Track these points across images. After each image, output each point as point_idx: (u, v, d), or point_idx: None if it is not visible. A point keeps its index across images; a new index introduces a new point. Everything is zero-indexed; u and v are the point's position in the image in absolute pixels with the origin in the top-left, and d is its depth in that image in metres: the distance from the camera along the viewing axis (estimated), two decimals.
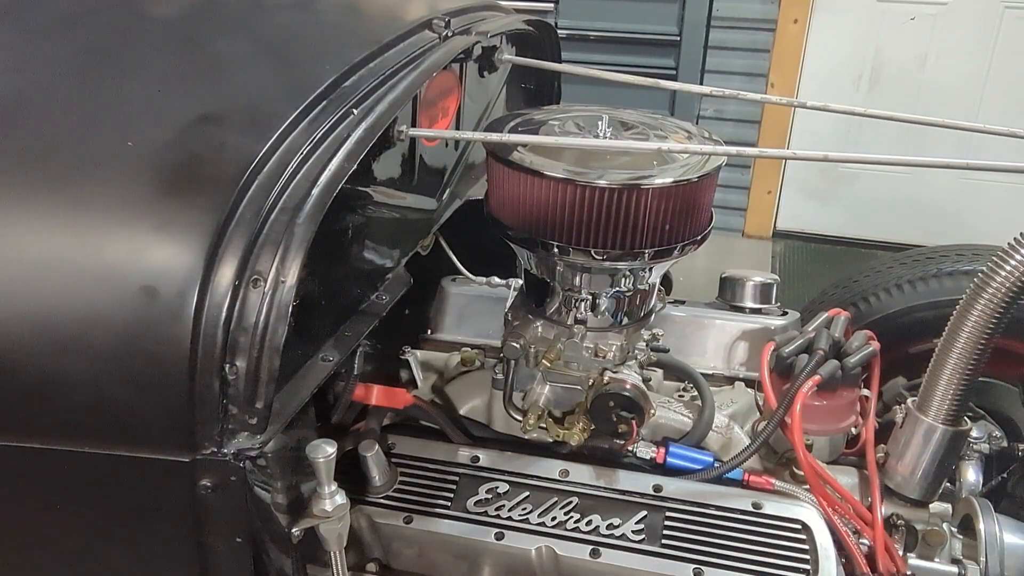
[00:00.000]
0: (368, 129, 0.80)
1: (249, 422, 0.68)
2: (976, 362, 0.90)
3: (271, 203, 0.71)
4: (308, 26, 1.04)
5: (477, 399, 1.15)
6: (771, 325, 1.15)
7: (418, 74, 0.91)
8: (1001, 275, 0.85)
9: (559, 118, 1.06)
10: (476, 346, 1.17)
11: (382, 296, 0.94)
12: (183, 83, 0.85)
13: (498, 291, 1.20)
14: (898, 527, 0.99)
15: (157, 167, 0.73)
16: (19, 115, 0.78)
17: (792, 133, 3.21)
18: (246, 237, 0.68)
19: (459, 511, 0.98)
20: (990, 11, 2.91)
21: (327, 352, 0.83)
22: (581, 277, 1.02)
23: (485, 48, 1.18)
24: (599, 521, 0.96)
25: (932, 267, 1.43)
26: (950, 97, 3.00)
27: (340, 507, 0.81)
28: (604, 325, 1.06)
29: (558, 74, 1.43)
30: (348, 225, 0.87)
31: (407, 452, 1.05)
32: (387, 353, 1.13)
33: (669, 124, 1.09)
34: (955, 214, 3.15)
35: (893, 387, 1.18)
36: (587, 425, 1.03)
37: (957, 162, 0.83)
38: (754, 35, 3.07)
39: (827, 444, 1.06)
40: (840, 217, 3.32)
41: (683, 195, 0.95)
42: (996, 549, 0.95)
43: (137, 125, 0.77)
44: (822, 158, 0.86)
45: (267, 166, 0.73)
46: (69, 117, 0.78)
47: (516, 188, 0.97)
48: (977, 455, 1.14)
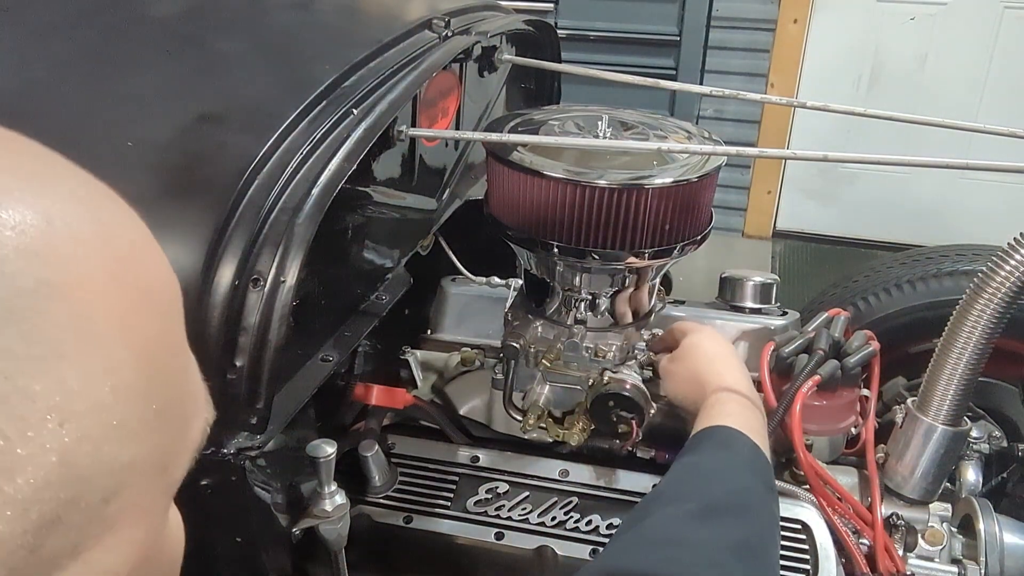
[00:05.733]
0: (368, 129, 0.80)
1: (249, 422, 0.68)
2: (976, 362, 0.90)
3: (271, 203, 0.71)
4: (308, 26, 1.04)
5: (477, 399, 1.15)
6: (771, 325, 1.15)
7: (418, 74, 0.91)
8: (1001, 275, 0.85)
9: (559, 118, 1.06)
10: (476, 346, 1.17)
11: (382, 296, 0.94)
12: (183, 83, 0.85)
13: (498, 291, 1.20)
14: (898, 527, 0.99)
15: (157, 167, 0.73)
16: (18, 115, 0.78)
17: (792, 133, 3.21)
18: (246, 237, 0.68)
19: (459, 511, 0.98)
20: (990, 11, 2.91)
21: (327, 352, 0.83)
22: (581, 277, 1.02)
23: (485, 48, 1.18)
24: (599, 521, 0.96)
25: (932, 267, 1.43)
26: (950, 97, 3.00)
27: (340, 507, 0.81)
28: (604, 325, 1.06)
29: (558, 74, 1.43)
30: (348, 225, 0.87)
31: (407, 452, 1.05)
32: (387, 353, 1.13)
33: (669, 124, 1.09)
34: (955, 214, 3.15)
35: (893, 387, 1.18)
36: (587, 425, 1.03)
37: (957, 162, 0.83)
38: (754, 35, 3.07)
39: (827, 444, 1.06)
40: (840, 217, 3.32)
41: (683, 195, 0.95)
42: (996, 549, 0.95)
43: (137, 125, 0.77)
44: (822, 158, 0.86)
45: (267, 166, 0.73)
46: (68, 117, 0.77)
47: (516, 188, 0.97)
48: (977, 455, 1.14)
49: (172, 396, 0.32)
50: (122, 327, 0.29)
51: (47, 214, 0.28)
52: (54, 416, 0.26)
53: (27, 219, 0.27)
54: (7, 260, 0.26)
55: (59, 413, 0.26)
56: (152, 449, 0.30)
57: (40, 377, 0.26)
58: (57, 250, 0.28)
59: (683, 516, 0.71)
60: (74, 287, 0.27)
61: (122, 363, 0.28)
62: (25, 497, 0.25)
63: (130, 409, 0.28)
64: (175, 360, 0.32)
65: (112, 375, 0.28)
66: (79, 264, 0.28)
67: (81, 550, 0.27)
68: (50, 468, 0.26)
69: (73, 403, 0.26)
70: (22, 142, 0.31)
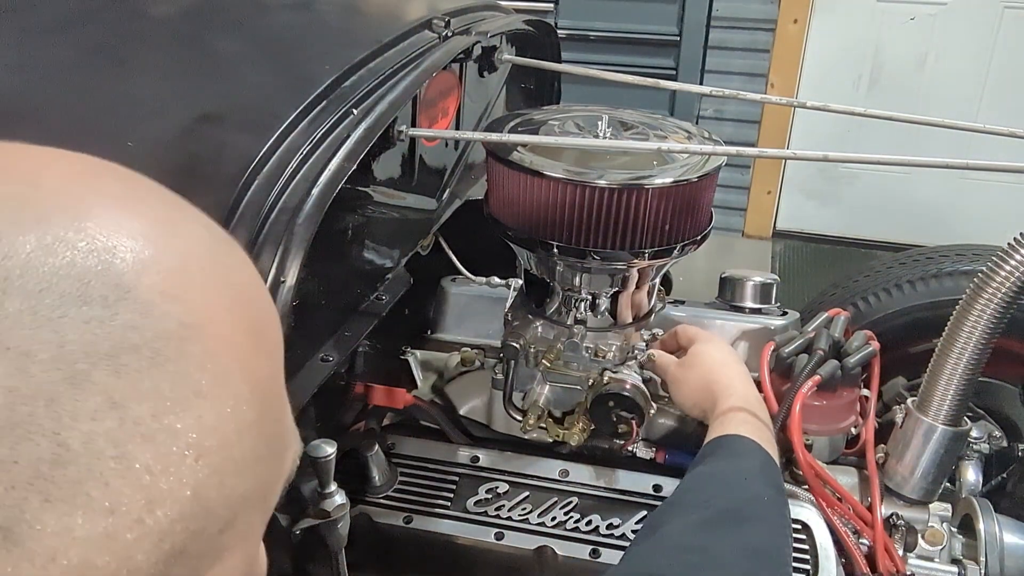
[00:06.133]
0: (368, 129, 0.80)
1: None
2: (976, 362, 0.90)
3: (271, 203, 0.71)
4: (308, 26, 1.04)
5: (477, 399, 1.15)
6: (771, 325, 1.15)
7: (418, 74, 0.91)
8: (1001, 275, 0.85)
9: (559, 118, 1.06)
10: (476, 346, 1.17)
11: (382, 296, 0.94)
12: (183, 83, 0.85)
13: (498, 291, 1.20)
14: (898, 527, 0.99)
15: (157, 167, 0.72)
16: (18, 115, 0.78)
17: (792, 133, 3.21)
18: (246, 237, 0.68)
19: (459, 511, 0.98)
20: (990, 11, 2.91)
21: (327, 352, 0.83)
22: (581, 277, 1.02)
23: (485, 48, 1.18)
24: (599, 521, 0.96)
25: (932, 267, 1.43)
26: (950, 97, 3.00)
27: (340, 507, 0.81)
28: (604, 325, 1.06)
29: (558, 74, 1.43)
30: (348, 225, 0.87)
31: (407, 452, 1.05)
32: (387, 353, 1.13)
33: (669, 124, 1.09)
34: (955, 214, 3.15)
35: (893, 387, 1.18)
36: (587, 425, 1.03)
37: (957, 162, 0.83)
38: (754, 35, 3.07)
39: (827, 444, 1.06)
40: (840, 217, 3.32)
41: (683, 195, 0.95)
42: (996, 549, 0.95)
43: (137, 125, 0.77)
44: (822, 158, 0.86)
45: (267, 166, 0.73)
46: (68, 117, 0.77)
47: (516, 188, 0.97)
48: (977, 455, 1.14)
49: (276, 431, 0.33)
50: (243, 367, 0.30)
51: (183, 258, 0.30)
52: (191, 452, 0.27)
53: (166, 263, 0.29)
54: (154, 304, 0.27)
55: (196, 449, 0.27)
56: (261, 482, 0.32)
57: (182, 415, 0.27)
58: (192, 293, 0.29)
59: (699, 523, 0.72)
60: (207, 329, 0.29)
61: (244, 401, 0.30)
62: (162, 528, 0.26)
63: (248, 444, 0.30)
64: (280, 397, 0.34)
65: (236, 413, 0.29)
66: (210, 307, 0.29)
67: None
68: (185, 502, 0.27)
69: (207, 439, 0.28)
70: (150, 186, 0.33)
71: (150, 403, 0.26)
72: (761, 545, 0.71)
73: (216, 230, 0.34)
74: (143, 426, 0.26)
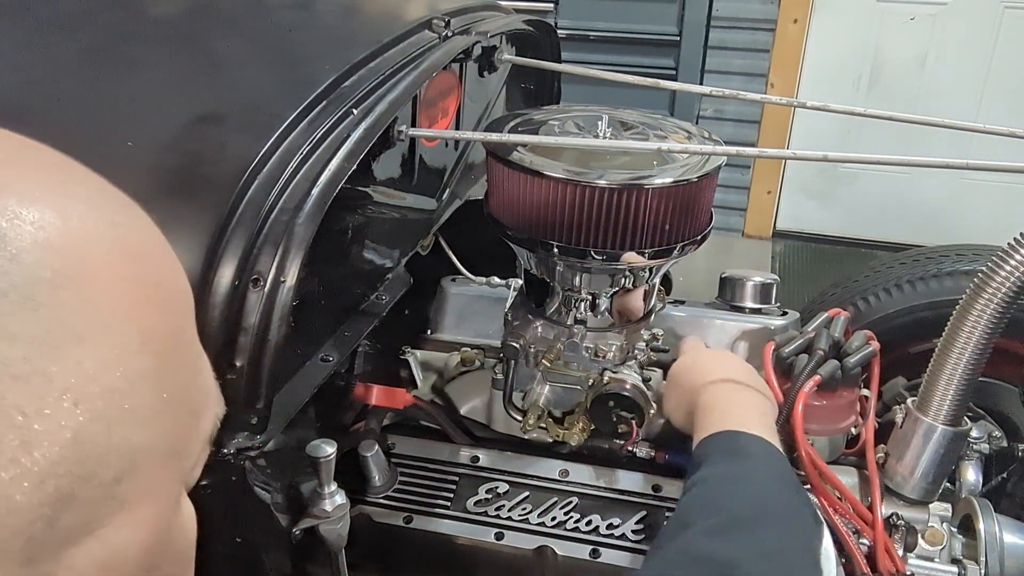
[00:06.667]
0: (368, 129, 0.80)
1: (249, 422, 0.68)
2: (976, 362, 0.90)
3: (271, 203, 0.71)
4: (308, 26, 1.04)
5: (477, 399, 1.15)
6: (771, 325, 1.15)
7: (418, 74, 0.91)
8: (1001, 275, 0.84)
9: (559, 118, 1.06)
10: (476, 346, 1.17)
11: (382, 296, 0.94)
12: (183, 83, 0.85)
13: (498, 291, 1.20)
14: (898, 527, 0.99)
15: (157, 167, 0.73)
16: (18, 115, 0.78)
17: (792, 133, 3.21)
18: (246, 237, 0.68)
19: (459, 511, 0.98)
20: (990, 11, 2.91)
21: (327, 352, 0.83)
22: (581, 277, 1.02)
23: (485, 48, 1.18)
24: (599, 521, 0.96)
25: (932, 267, 1.43)
26: (950, 97, 3.00)
27: (340, 507, 0.81)
28: (604, 325, 1.06)
29: (558, 74, 1.43)
30: (348, 225, 0.87)
31: (407, 452, 1.05)
32: (387, 353, 1.13)
33: (669, 124, 1.09)
34: (955, 214, 3.15)
35: (893, 387, 1.18)
36: (587, 425, 1.03)
37: (957, 162, 0.83)
38: (754, 35, 3.07)
39: (827, 444, 1.06)
40: (840, 217, 3.32)
41: (683, 195, 0.95)
42: (996, 549, 0.95)
43: (137, 125, 0.77)
44: (822, 158, 0.86)
45: (267, 166, 0.73)
46: (69, 117, 0.77)
47: (516, 188, 0.97)
48: (977, 455, 1.14)
49: (182, 387, 0.34)
50: (132, 318, 0.31)
51: (64, 213, 0.31)
52: (69, 396, 0.28)
53: (46, 217, 0.30)
54: (26, 251, 0.28)
55: (74, 393, 0.28)
56: (163, 434, 0.32)
57: (57, 360, 0.28)
58: (72, 244, 0.30)
59: (707, 532, 0.71)
60: (87, 279, 0.30)
61: (133, 352, 0.31)
62: (41, 470, 0.27)
63: (141, 395, 0.31)
64: (185, 354, 0.35)
65: (123, 362, 0.30)
66: (92, 258, 0.30)
67: (95, 527, 0.29)
68: (65, 444, 0.28)
69: (87, 385, 0.29)
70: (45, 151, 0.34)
71: (21, 346, 0.27)
72: (774, 545, 0.70)
73: (111, 192, 0.35)
74: (13, 367, 0.27)
